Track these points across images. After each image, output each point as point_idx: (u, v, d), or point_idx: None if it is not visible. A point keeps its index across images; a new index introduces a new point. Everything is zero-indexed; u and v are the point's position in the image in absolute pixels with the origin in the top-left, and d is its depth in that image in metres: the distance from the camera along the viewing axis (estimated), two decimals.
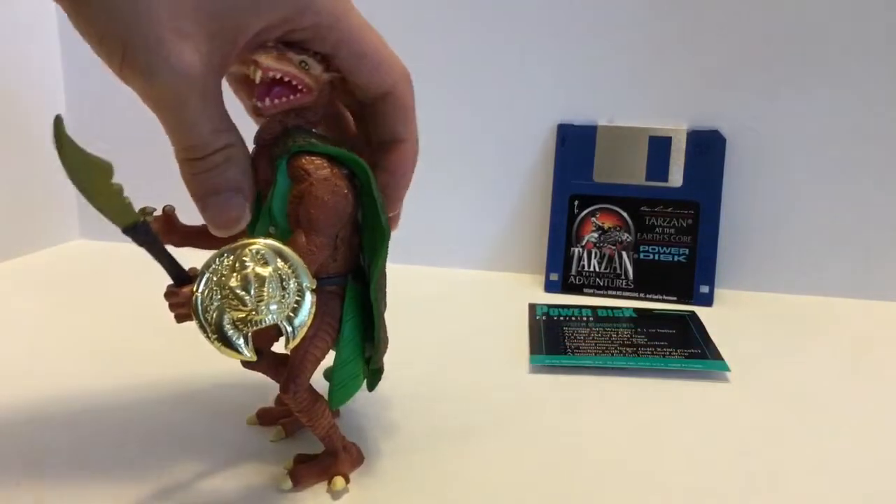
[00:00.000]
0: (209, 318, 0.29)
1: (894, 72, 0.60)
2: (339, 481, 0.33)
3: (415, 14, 0.67)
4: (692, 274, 0.63)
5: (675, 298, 0.63)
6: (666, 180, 0.64)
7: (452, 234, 0.71)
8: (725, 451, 0.38)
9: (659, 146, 0.64)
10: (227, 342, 0.30)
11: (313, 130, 0.33)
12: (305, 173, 0.31)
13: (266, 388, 0.43)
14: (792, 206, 0.64)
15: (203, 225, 0.32)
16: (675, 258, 0.64)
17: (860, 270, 0.64)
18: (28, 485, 0.34)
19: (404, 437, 0.39)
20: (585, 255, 0.65)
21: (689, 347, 0.51)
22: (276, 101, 0.31)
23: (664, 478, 0.36)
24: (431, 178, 0.70)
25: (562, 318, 0.56)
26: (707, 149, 0.64)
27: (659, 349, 0.50)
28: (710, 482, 0.35)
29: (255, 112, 0.31)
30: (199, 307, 0.30)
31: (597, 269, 0.65)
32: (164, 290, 0.31)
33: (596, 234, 0.65)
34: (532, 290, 0.65)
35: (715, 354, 0.50)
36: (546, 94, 0.67)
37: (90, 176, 0.29)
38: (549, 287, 0.66)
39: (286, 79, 0.31)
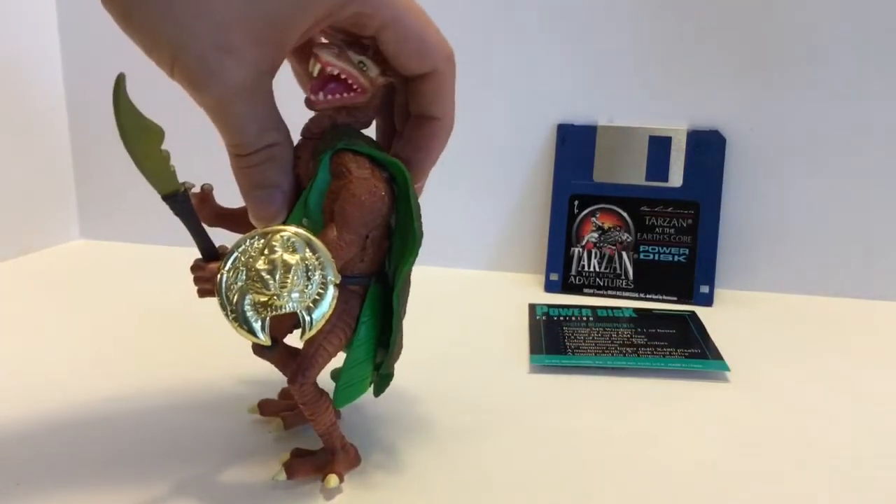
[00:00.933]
0: (231, 297, 0.30)
1: (894, 72, 0.60)
2: (332, 479, 0.33)
3: None
4: (692, 274, 0.63)
5: (675, 298, 0.63)
6: (666, 180, 0.64)
7: (452, 234, 0.71)
8: (725, 451, 0.38)
9: (659, 146, 0.64)
10: (244, 323, 0.30)
11: (361, 132, 0.34)
12: (347, 170, 0.31)
13: (266, 386, 0.43)
14: (792, 205, 0.64)
15: (237, 208, 0.34)
16: (675, 258, 0.64)
17: (861, 270, 0.64)
18: (28, 484, 0.34)
19: (404, 437, 0.39)
20: (585, 255, 0.65)
21: (689, 347, 0.51)
22: (330, 96, 0.31)
23: (664, 478, 0.36)
24: (431, 178, 0.70)
25: (562, 318, 0.56)
26: (707, 149, 0.64)
27: (659, 349, 0.50)
28: (710, 482, 0.35)
29: (307, 104, 0.32)
30: (223, 285, 0.30)
31: (597, 269, 0.65)
32: (190, 264, 0.32)
33: (596, 234, 0.65)
34: (532, 290, 0.65)
35: (715, 354, 0.50)
36: (546, 94, 0.67)
37: (141, 138, 0.30)
38: (549, 287, 0.66)
39: (343, 76, 0.31)
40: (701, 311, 0.59)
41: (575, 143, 0.66)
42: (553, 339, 0.52)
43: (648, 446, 0.39)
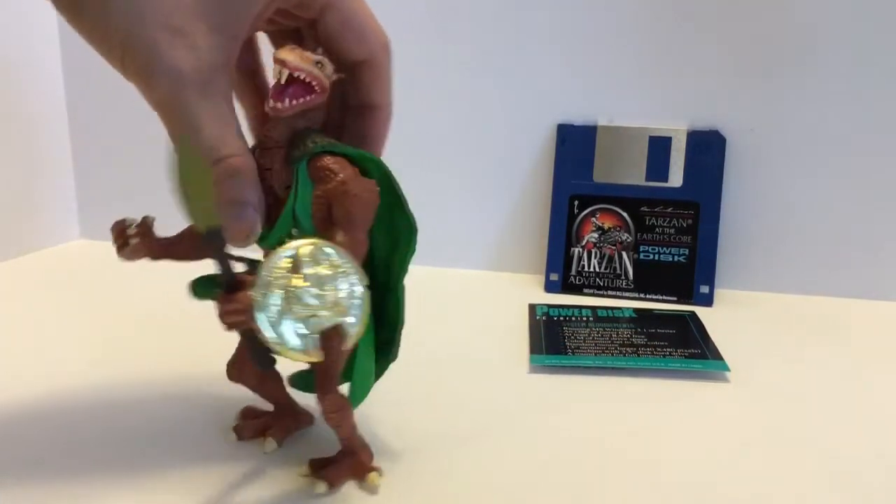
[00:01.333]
0: (271, 319, 0.29)
1: (894, 71, 0.60)
2: (375, 476, 0.34)
3: (415, 14, 0.67)
4: (692, 274, 0.63)
5: (675, 298, 0.63)
6: (666, 180, 0.64)
7: (452, 234, 0.71)
8: (725, 450, 0.38)
9: (659, 146, 0.64)
10: (289, 343, 0.30)
11: (321, 132, 0.33)
12: (332, 173, 0.31)
13: None
14: (792, 205, 0.64)
15: (176, 236, 0.33)
16: (675, 258, 0.64)
17: (861, 270, 0.64)
18: (28, 484, 0.34)
19: (403, 437, 0.39)
20: (585, 255, 0.65)
21: (689, 347, 0.51)
22: (294, 101, 0.30)
23: (664, 477, 0.36)
24: (431, 178, 0.70)
25: (562, 318, 0.56)
26: (707, 149, 0.64)
27: (659, 349, 0.50)
28: (710, 482, 0.35)
29: (272, 113, 0.31)
30: (260, 310, 0.29)
31: (597, 270, 0.65)
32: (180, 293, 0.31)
33: (596, 234, 0.65)
34: (532, 290, 0.65)
35: (715, 354, 0.50)
36: (546, 94, 0.67)
37: (201, 173, 0.29)
38: (549, 287, 0.66)
39: (305, 78, 0.30)
40: (701, 311, 0.59)
41: (575, 143, 0.66)
42: (553, 340, 0.52)
43: (648, 446, 0.39)
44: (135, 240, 0.33)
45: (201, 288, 0.34)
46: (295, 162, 0.31)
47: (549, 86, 0.66)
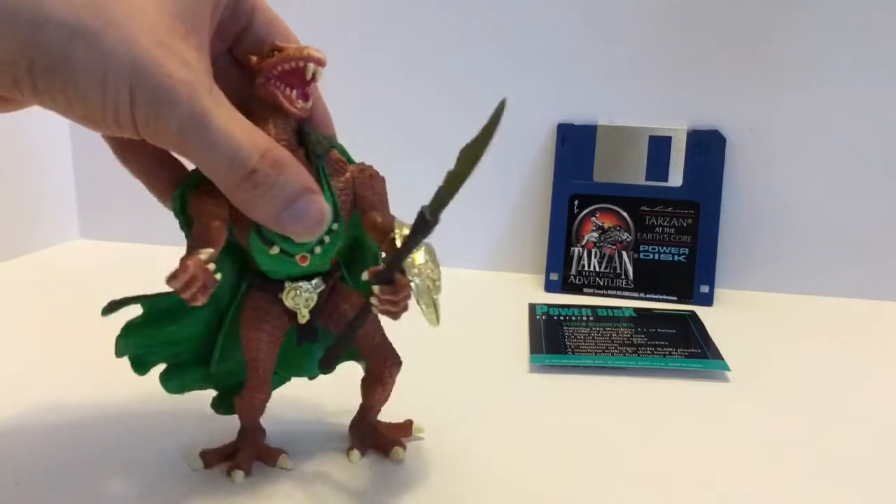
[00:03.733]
0: (426, 300, 0.32)
1: (894, 71, 0.60)
2: (399, 452, 0.36)
3: (415, 14, 0.67)
4: (692, 274, 0.63)
5: (675, 298, 0.63)
6: (666, 180, 0.64)
7: (452, 234, 0.71)
8: (725, 450, 0.38)
9: (659, 146, 0.64)
10: (440, 312, 0.33)
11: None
12: (344, 163, 0.32)
13: None
14: (792, 205, 0.64)
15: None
16: (675, 258, 0.64)
17: (860, 270, 0.64)
18: (28, 485, 0.34)
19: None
20: (585, 254, 0.65)
21: (689, 347, 0.51)
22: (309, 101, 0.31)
23: (664, 477, 0.36)
24: (431, 178, 0.70)
25: (562, 318, 0.56)
26: (707, 149, 0.64)
27: (659, 349, 0.50)
28: (710, 482, 0.35)
29: (304, 114, 0.30)
30: (418, 291, 0.32)
31: (597, 269, 0.65)
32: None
33: (596, 234, 0.65)
34: (532, 290, 0.65)
35: (715, 354, 0.50)
36: (546, 94, 0.67)
37: (471, 169, 0.30)
38: (549, 287, 0.66)
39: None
40: (701, 311, 0.59)
41: (575, 143, 0.66)
42: (553, 339, 0.52)
43: (648, 446, 0.39)
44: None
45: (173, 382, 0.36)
46: (319, 159, 0.31)
47: (549, 85, 0.66)
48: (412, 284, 0.31)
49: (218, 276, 0.28)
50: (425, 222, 0.28)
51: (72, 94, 0.24)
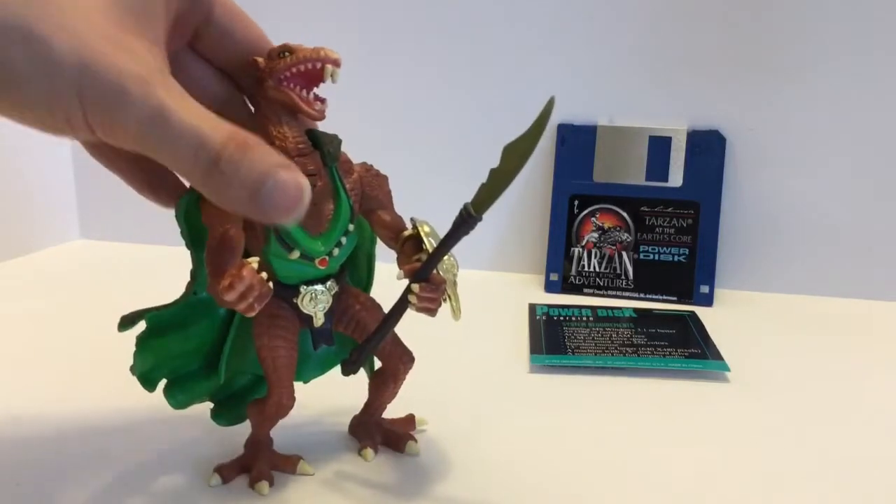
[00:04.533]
0: (454, 293, 0.34)
1: (894, 72, 0.60)
2: (414, 445, 0.37)
3: (415, 14, 0.67)
4: (692, 274, 0.63)
5: (675, 298, 0.63)
6: (666, 180, 0.64)
7: None
8: (725, 450, 0.38)
9: (659, 146, 0.64)
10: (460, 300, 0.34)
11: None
12: (351, 164, 0.33)
13: None
14: (792, 205, 0.64)
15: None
16: (675, 258, 0.64)
17: (860, 270, 0.64)
18: (28, 485, 0.34)
19: None
20: (585, 255, 0.65)
21: (689, 347, 0.51)
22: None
23: (664, 477, 0.36)
24: (431, 178, 0.70)
25: (562, 318, 0.56)
26: (707, 149, 0.64)
27: (659, 349, 0.50)
28: (710, 482, 0.35)
29: (320, 116, 0.30)
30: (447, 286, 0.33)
31: (597, 269, 0.65)
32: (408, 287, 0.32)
33: (596, 234, 0.65)
34: (532, 290, 0.65)
35: (715, 354, 0.50)
36: (546, 94, 0.67)
37: (520, 165, 0.29)
38: (549, 287, 0.66)
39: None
40: (701, 311, 0.59)
41: (575, 143, 0.66)
42: (553, 339, 0.52)
43: (648, 446, 0.39)
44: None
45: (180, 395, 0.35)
46: (332, 161, 0.31)
47: (549, 86, 0.66)
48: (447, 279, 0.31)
49: (270, 284, 0.28)
50: (470, 218, 0.28)
51: (19, 102, 0.23)
